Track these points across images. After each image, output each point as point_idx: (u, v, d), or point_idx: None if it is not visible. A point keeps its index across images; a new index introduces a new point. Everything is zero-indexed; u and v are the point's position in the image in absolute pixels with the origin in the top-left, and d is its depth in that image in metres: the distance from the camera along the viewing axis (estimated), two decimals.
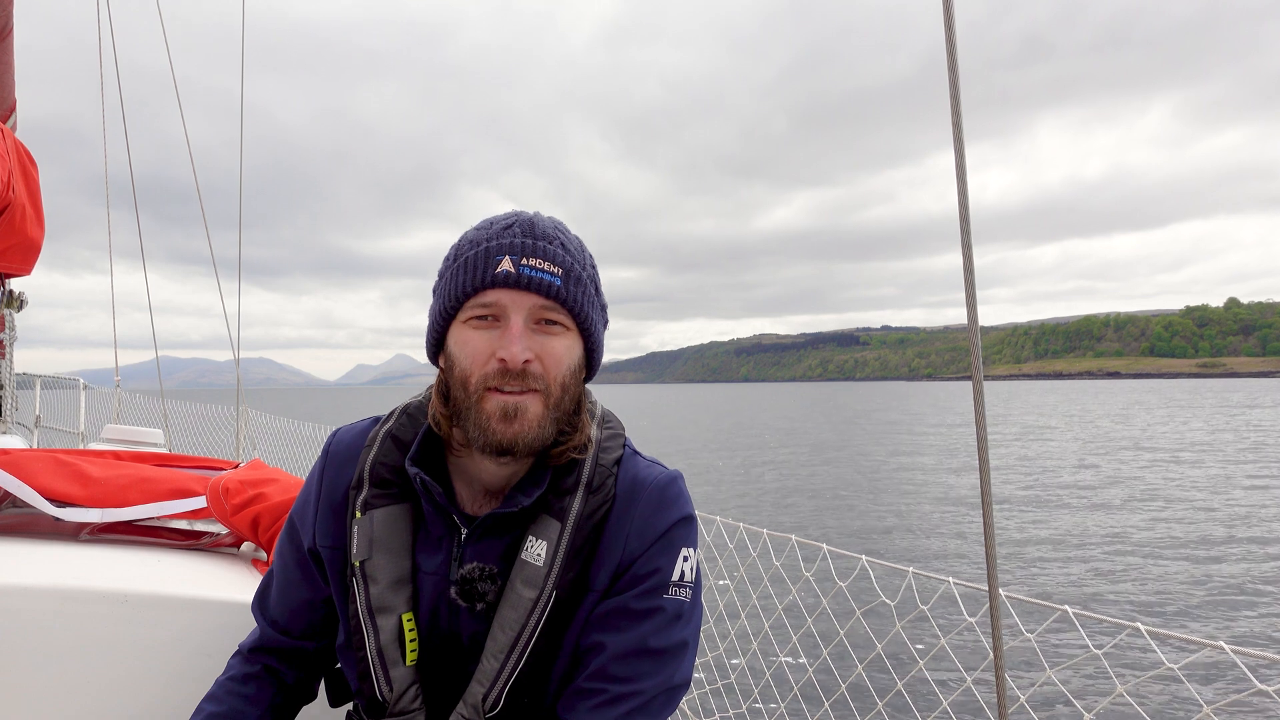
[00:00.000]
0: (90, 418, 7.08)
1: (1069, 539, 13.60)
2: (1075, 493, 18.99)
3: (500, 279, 1.04)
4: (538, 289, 1.04)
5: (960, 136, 1.42)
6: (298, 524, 1.24)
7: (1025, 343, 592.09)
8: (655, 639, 1.08)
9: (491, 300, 1.05)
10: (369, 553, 1.12)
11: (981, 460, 1.47)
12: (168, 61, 4.74)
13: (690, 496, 1.18)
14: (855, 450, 31.57)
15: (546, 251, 1.06)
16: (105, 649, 1.45)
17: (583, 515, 1.09)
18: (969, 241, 1.44)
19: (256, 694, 1.24)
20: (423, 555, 1.13)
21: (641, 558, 1.10)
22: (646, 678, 1.07)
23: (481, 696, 1.08)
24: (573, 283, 1.07)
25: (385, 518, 1.13)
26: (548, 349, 1.06)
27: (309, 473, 1.26)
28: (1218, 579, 10.95)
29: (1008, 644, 1.64)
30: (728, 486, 21.13)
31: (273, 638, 1.27)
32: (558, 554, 1.07)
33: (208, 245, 4.66)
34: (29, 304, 4.09)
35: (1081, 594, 10.29)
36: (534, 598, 1.07)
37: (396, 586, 1.12)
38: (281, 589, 1.26)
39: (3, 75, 3.42)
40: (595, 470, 1.13)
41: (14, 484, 1.81)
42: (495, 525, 1.11)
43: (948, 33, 1.39)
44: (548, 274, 1.05)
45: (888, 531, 14.55)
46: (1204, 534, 13.87)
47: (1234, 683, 6.41)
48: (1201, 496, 18.09)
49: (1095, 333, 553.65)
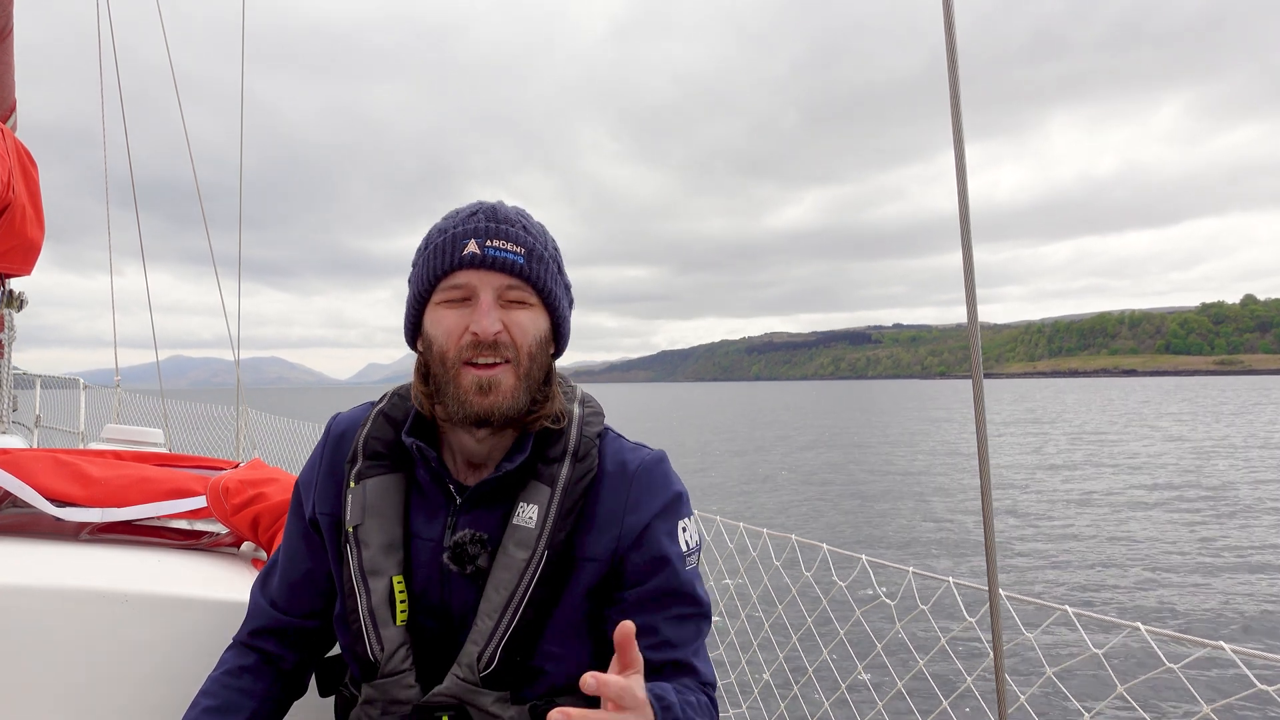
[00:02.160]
0: (90, 417, 7.09)
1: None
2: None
3: (468, 260, 1.13)
4: (503, 267, 1.13)
5: (960, 136, 1.43)
6: (302, 494, 1.31)
7: (1039, 340, 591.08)
8: (692, 604, 1.19)
9: (462, 281, 1.13)
10: (361, 518, 1.19)
11: (981, 460, 1.48)
12: (169, 59, 4.74)
13: (677, 474, 1.26)
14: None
15: (509, 234, 1.15)
16: (105, 649, 1.46)
17: (571, 480, 1.17)
18: (969, 241, 1.45)
19: (251, 685, 1.26)
20: (420, 523, 1.20)
21: (649, 541, 1.17)
22: (697, 634, 1.20)
23: (476, 656, 1.12)
24: (535, 261, 1.15)
25: (377, 486, 1.21)
26: (515, 321, 1.14)
27: (312, 450, 1.34)
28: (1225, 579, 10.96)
29: (1008, 644, 1.64)
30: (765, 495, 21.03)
31: (272, 618, 1.30)
32: (549, 516, 1.14)
33: (213, 243, 4.67)
34: (30, 304, 4.08)
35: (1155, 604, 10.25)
36: (526, 558, 1.13)
37: (388, 550, 1.18)
38: (285, 565, 1.31)
39: (3, 75, 3.42)
40: (580, 441, 1.20)
41: (14, 484, 1.81)
42: (488, 494, 1.17)
43: (948, 33, 1.39)
44: (511, 253, 1.14)
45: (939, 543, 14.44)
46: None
47: (1234, 683, 6.41)
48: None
49: (1110, 330, 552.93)
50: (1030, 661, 6.35)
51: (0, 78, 3.43)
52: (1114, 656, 6.78)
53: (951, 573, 3.70)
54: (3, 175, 2.49)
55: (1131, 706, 1.96)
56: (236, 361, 4.89)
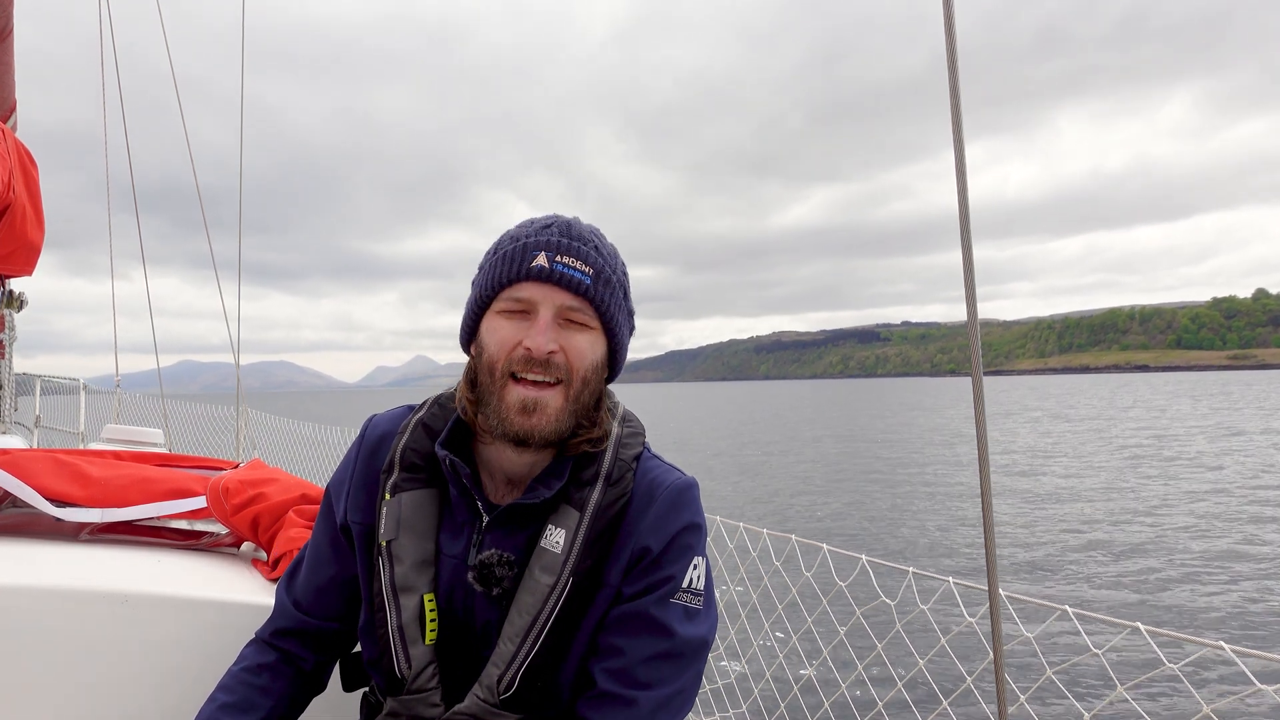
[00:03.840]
0: (90, 418, 7.08)
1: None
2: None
3: (534, 273, 1.10)
4: (568, 285, 1.10)
5: (960, 137, 1.43)
6: (333, 498, 1.29)
7: (1049, 337, 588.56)
8: (674, 644, 1.12)
9: (525, 295, 1.11)
10: (396, 533, 1.16)
11: (981, 460, 1.48)
12: (170, 62, 4.74)
13: (702, 507, 1.21)
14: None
15: (580, 252, 1.12)
16: (105, 649, 1.45)
17: (601, 506, 1.13)
18: (969, 240, 1.46)
19: (269, 684, 1.25)
20: (445, 539, 1.18)
21: (655, 560, 1.13)
22: (668, 681, 1.11)
23: (497, 678, 1.11)
24: (602, 284, 1.12)
25: (413, 501, 1.18)
26: (572, 343, 1.11)
27: (346, 451, 1.31)
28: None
29: (1008, 644, 1.64)
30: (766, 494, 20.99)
31: (296, 618, 1.29)
32: (575, 542, 1.11)
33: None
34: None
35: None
36: (551, 584, 1.10)
37: (420, 567, 1.16)
38: (311, 567, 1.30)
39: (3, 76, 3.42)
40: (615, 464, 1.16)
41: (14, 484, 1.81)
42: (517, 515, 1.14)
43: (948, 33, 1.39)
44: (579, 272, 1.11)
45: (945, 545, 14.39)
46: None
47: (1234, 683, 6.41)
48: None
49: (1120, 325, 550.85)
50: (1030, 661, 6.34)
51: (0, 78, 3.43)
52: (1114, 656, 6.78)
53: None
54: (3, 175, 2.49)
55: (1132, 707, 1.96)
56: (236, 362, 4.89)
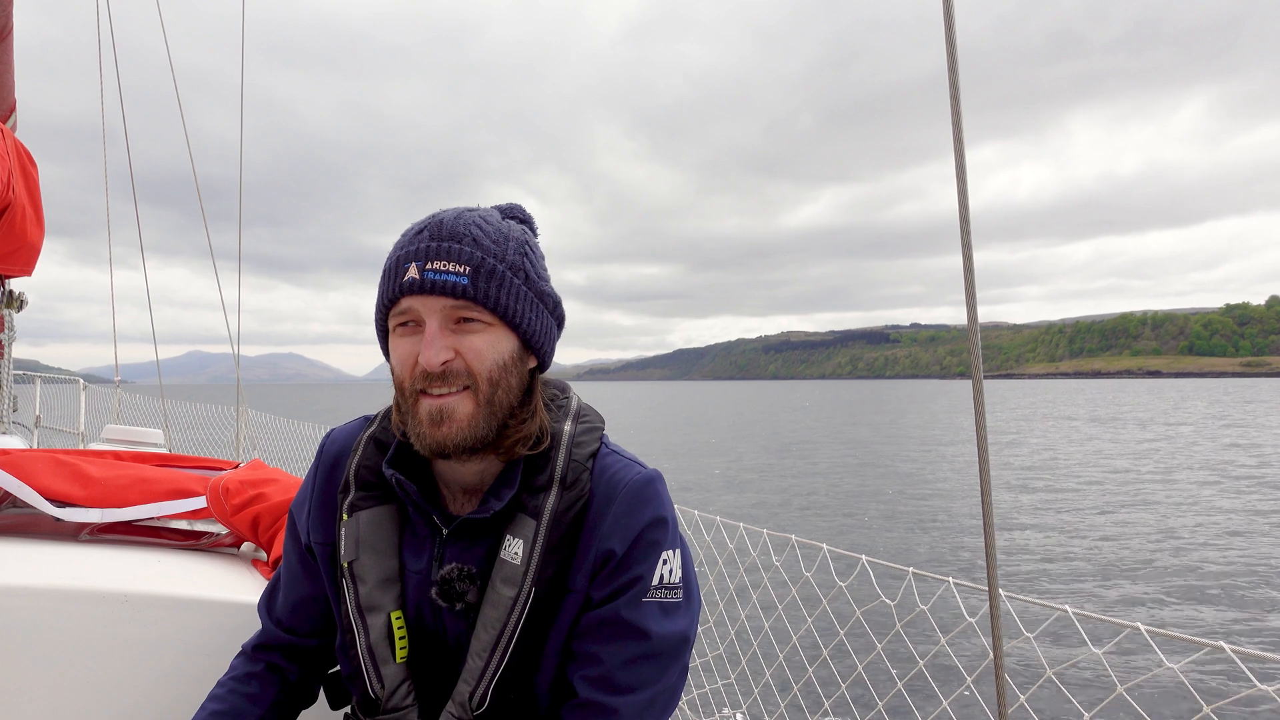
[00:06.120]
0: (90, 417, 7.08)
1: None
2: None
3: (408, 286, 1.05)
4: (443, 291, 1.04)
5: (960, 137, 1.42)
6: (296, 520, 1.27)
7: (1060, 341, 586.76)
8: (652, 644, 1.09)
9: (406, 307, 1.07)
10: (356, 553, 1.15)
11: (981, 460, 1.48)
12: (168, 53, 4.73)
13: (669, 498, 1.17)
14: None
15: (452, 252, 1.05)
16: (105, 649, 1.45)
17: (558, 511, 1.09)
18: (969, 240, 1.46)
19: (259, 692, 1.25)
20: (409, 555, 1.16)
21: (621, 562, 1.10)
22: (650, 682, 1.09)
23: (468, 694, 1.10)
24: (484, 278, 1.06)
25: (371, 519, 1.16)
26: (467, 346, 1.06)
27: (307, 470, 1.29)
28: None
29: (1007, 644, 1.64)
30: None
31: (276, 635, 1.29)
32: (534, 551, 1.08)
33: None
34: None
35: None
36: (513, 596, 1.08)
37: (384, 585, 1.15)
38: (286, 585, 1.29)
39: (3, 75, 3.42)
40: (569, 465, 1.12)
41: (14, 484, 1.81)
42: (473, 528, 1.12)
43: (948, 33, 1.39)
44: (452, 274, 1.04)
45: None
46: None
47: (1234, 683, 6.41)
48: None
49: (1132, 331, 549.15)
50: (1030, 661, 6.34)
51: (0, 78, 3.42)
52: (1114, 657, 6.78)
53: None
54: (2, 175, 2.49)
55: (1132, 707, 1.96)
56: (237, 361, 4.89)
